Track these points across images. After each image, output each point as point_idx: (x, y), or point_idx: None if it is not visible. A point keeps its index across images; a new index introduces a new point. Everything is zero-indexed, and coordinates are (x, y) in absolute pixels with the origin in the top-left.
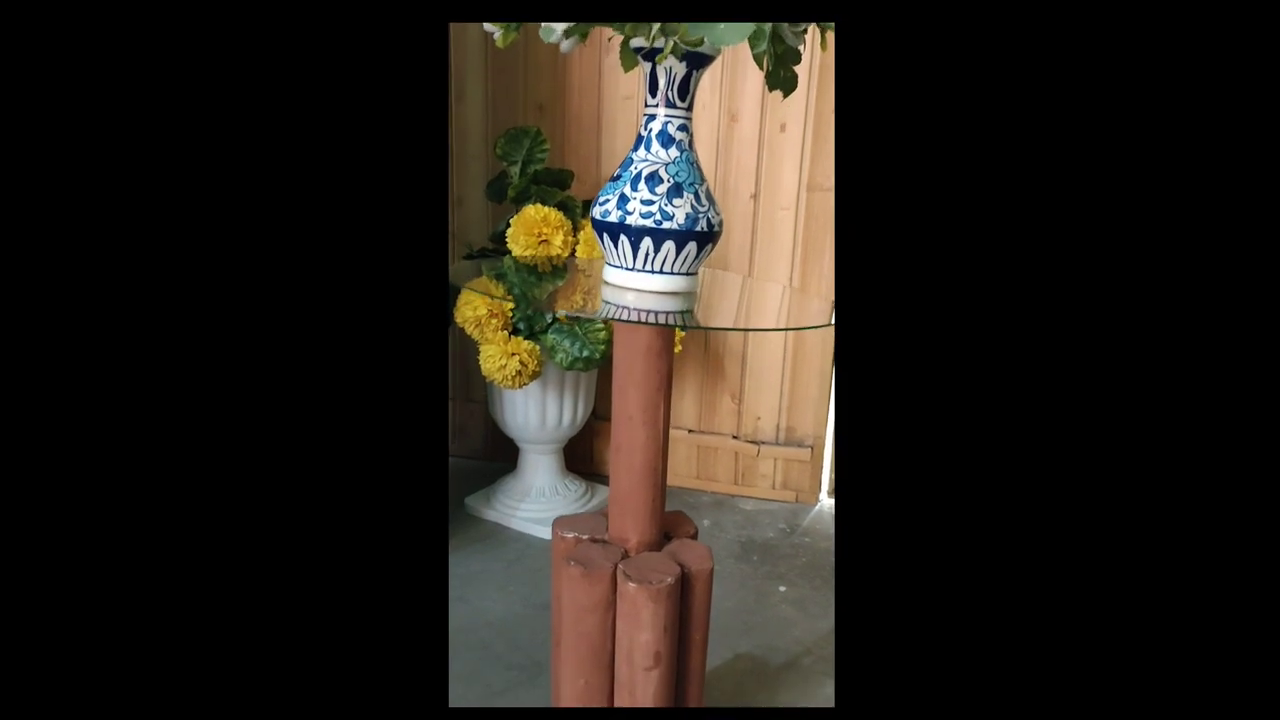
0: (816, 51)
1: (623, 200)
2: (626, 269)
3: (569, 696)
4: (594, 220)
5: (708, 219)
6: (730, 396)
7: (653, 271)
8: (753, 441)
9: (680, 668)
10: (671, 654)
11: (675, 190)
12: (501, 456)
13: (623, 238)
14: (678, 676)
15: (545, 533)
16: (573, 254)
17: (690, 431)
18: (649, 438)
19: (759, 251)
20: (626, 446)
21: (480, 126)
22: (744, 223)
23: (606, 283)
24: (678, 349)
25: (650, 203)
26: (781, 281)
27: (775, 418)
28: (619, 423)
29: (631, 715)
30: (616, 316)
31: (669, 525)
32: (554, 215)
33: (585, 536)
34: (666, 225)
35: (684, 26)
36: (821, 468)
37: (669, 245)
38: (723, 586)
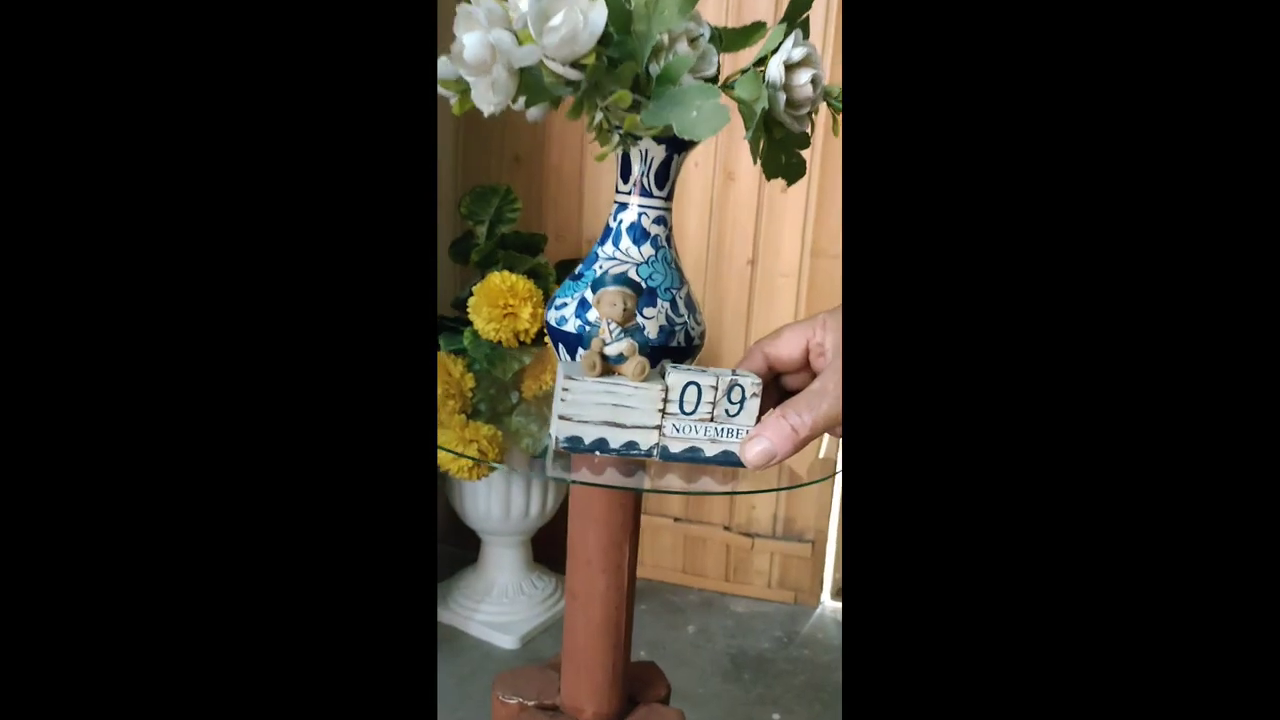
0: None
1: (583, 307)
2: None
3: None
4: (549, 327)
5: (686, 331)
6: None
7: None
8: (746, 534)
9: None
10: None
11: (648, 298)
12: (462, 543)
13: (581, 352)
14: None
15: (506, 641)
16: (543, 329)
17: (676, 520)
18: (610, 586)
19: (755, 324)
20: (584, 595)
21: (450, 178)
22: (740, 292)
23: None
24: None
25: None
26: None
27: (772, 507)
28: (575, 568)
29: None
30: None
31: (635, 682)
32: (522, 284)
33: (531, 703)
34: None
35: (634, 116)
36: (824, 565)
37: None
38: (707, 713)
